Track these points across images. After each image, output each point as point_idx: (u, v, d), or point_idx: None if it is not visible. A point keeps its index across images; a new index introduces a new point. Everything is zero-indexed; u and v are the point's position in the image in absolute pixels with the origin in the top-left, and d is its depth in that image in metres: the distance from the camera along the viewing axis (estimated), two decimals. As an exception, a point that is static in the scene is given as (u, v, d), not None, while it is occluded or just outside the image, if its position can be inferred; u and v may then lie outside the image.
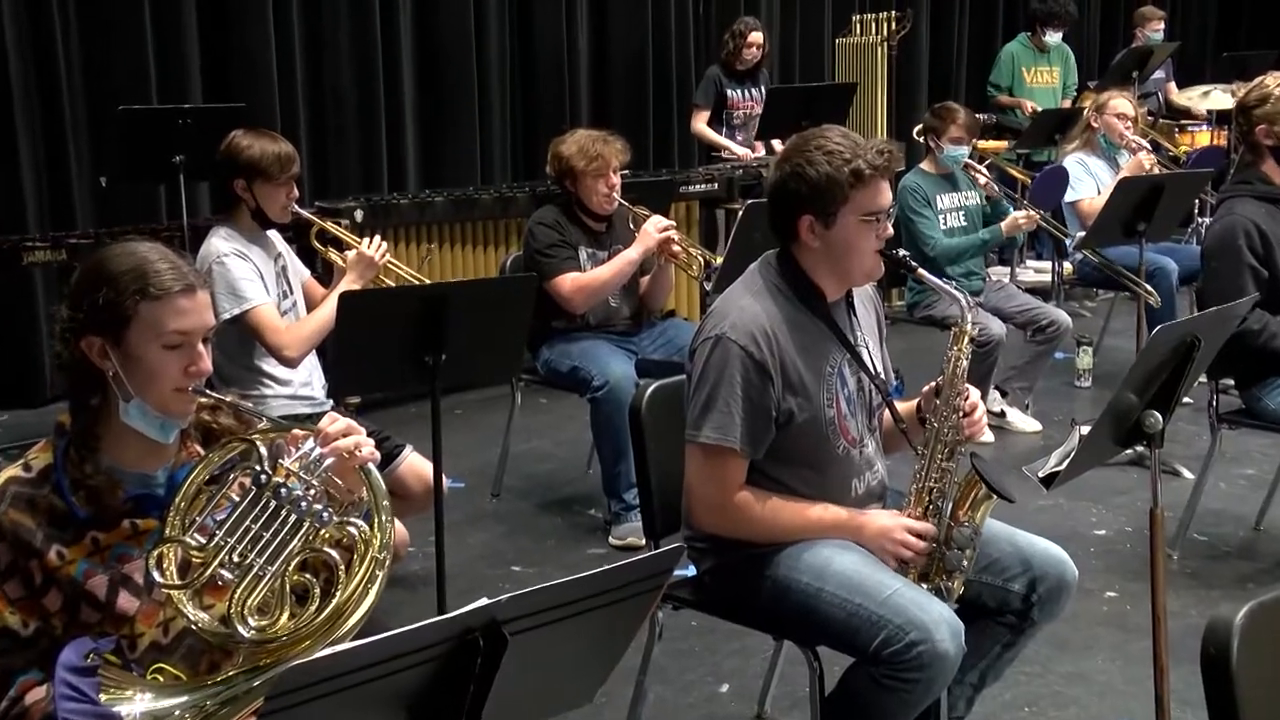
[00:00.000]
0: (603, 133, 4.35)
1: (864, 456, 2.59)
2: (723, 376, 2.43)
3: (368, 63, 6.24)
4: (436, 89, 6.59)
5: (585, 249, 4.35)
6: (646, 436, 2.71)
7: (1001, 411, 5.30)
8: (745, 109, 7.01)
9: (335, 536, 1.89)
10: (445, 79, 6.58)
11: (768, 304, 2.49)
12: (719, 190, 6.26)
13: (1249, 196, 3.76)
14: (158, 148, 4.66)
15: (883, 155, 2.45)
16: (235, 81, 5.81)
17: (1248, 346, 3.62)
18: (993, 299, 5.28)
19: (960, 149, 5.24)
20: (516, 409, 4.67)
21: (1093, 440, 2.43)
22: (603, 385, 4.10)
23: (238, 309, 3.46)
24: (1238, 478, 4.69)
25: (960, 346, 2.50)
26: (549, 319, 4.30)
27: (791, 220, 2.49)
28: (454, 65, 6.57)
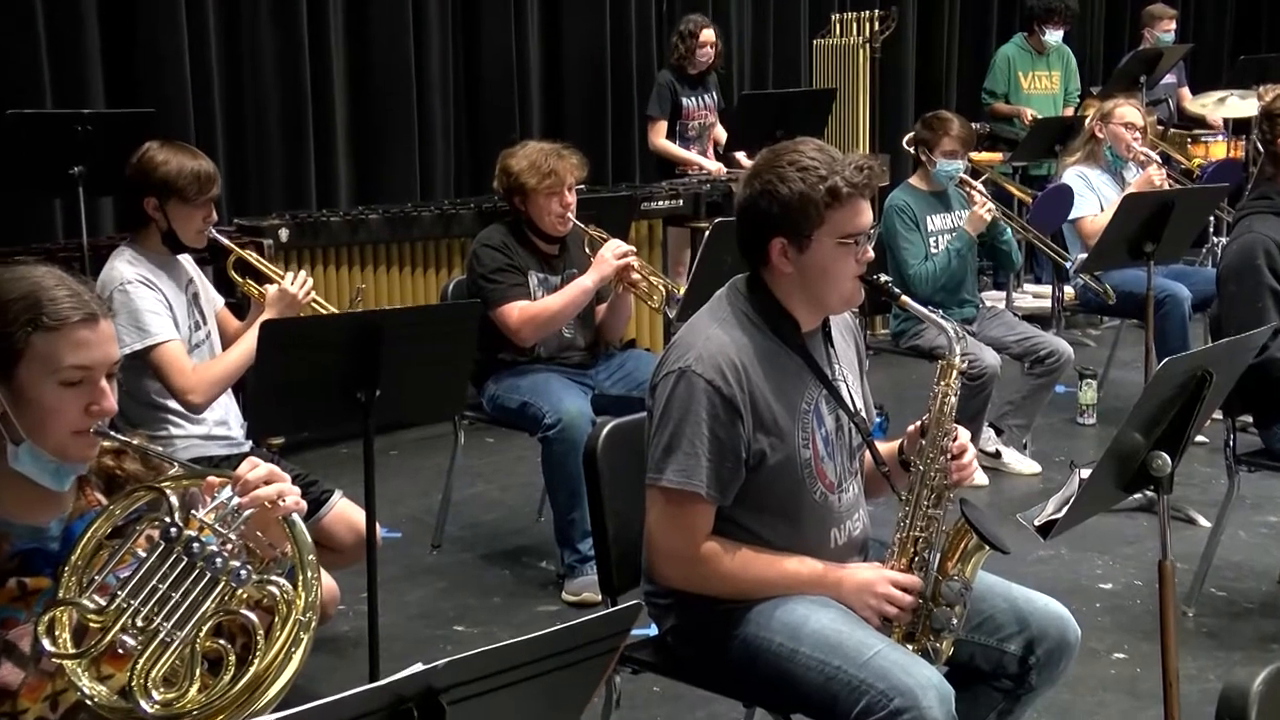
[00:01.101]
0: (556, 145, 4.38)
1: (843, 503, 2.61)
2: (687, 414, 2.45)
3: (293, 65, 6.24)
4: (371, 95, 6.60)
5: (535, 274, 4.36)
6: (603, 480, 2.72)
7: (996, 451, 5.34)
8: (699, 118, 7.07)
9: (254, 596, 1.88)
10: (381, 84, 6.59)
11: (736, 334, 2.52)
12: (684, 207, 6.32)
13: (1269, 213, 3.80)
14: (52, 157, 4.55)
15: (862, 172, 2.48)
16: (142, 83, 5.79)
17: (1268, 379, 3.66)
18: (986, 327, 5.34)
19: (954, 163, 5.28)
20: (459, 450, 4.67)
21: (1094, 485, 2.46)
22: (555, 423, 4.11)
23: (140, 344, 3.44)
24: (1259, 526, 4.75)
25: (948, 381, 2.53)
26: (495, 351, 4.31)
27: (762, 243, 2.52)
28: (391, 69, 6.59)
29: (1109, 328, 7.37)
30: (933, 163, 5.30)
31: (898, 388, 6.14)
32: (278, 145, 6.27)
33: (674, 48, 7.02)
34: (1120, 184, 5.89)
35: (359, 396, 3.06)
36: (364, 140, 6.63)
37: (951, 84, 9.58)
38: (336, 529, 3.46)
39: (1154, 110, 8.11)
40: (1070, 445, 5.69)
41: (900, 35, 8.66)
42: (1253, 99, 7.51)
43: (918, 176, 5.44)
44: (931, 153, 5.30)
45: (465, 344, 3.37)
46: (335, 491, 3.53)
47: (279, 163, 6.28)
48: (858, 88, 7.82)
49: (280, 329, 3.19)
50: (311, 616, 1.85)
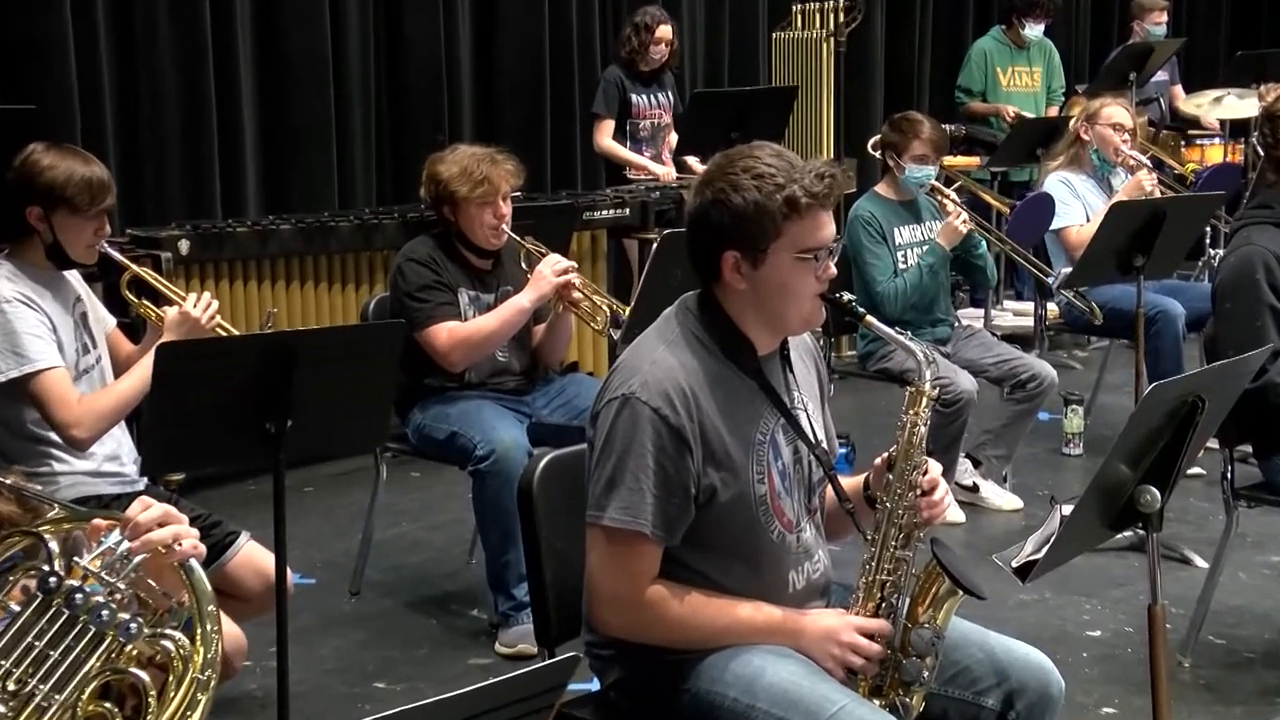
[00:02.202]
0: (490, 150, 4.39)
1: (802, 543, 2.62)
2: (631, 445, 2.45)
3: (195, 57, 6.21)
4: (283, 92, 6.58)
5: (466, 292, 4.37)
6: (540, 518, 2.71)
7: (973, 485, 5.39)
8: (652, 118, 7.11)
9: (146, 653, 1.87)
10: (294, 80, 6.58)
11: (685, 357, 2.52)
12: (631, 216, 6.34)
13: (1269, 224, 3.84)
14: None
15: (824, 180, 2.50)
16: (21, 77, 5.73)
17: (1268, 406, 3.70)
18: (962, 349, 5.38)
19: (925, 169, 5.32)
20: (381, 486, 4.65)
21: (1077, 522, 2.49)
22: (487, 455, 4.11)
23: (18, 371, 3.40)
24: (1261, 567, 4.80)
25: (917, 409, 2.54)
26: (421, 376, 4.31)
27: (714, 257, 2.53)
28: (305, 63, 6.58)
29: (1096, 349, 7.46)
30: (901, 169, 5.33)
31: (865, 415, 6.18)
32: (177, 147, 6.24)
33: (625, 41, 7.06)
34: (1107, 191, 5.96)
35: (268, 427, 3.05)
36: (275, 142, 6.61)
37: (924, 81, 9.68)
38: (242, 575, 3.44)
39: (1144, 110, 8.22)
40: (1055, 478, 5.74)
41: (867, 27, 8.73)
42: (1252, 98, 7.62)
43: (885, 184, 5.48)
44: (900, 158, 5.33)
45: (388, 369, 3.36)
46: (241, 533, 3.51)
47: (178, 167, 6.25)
48: (820, 85, 7.88)
49: (180, 353, 3.17)
50: (211, 674, 1.84)
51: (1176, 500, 5.17)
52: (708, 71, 8.58)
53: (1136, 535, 4.68)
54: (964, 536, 5.11)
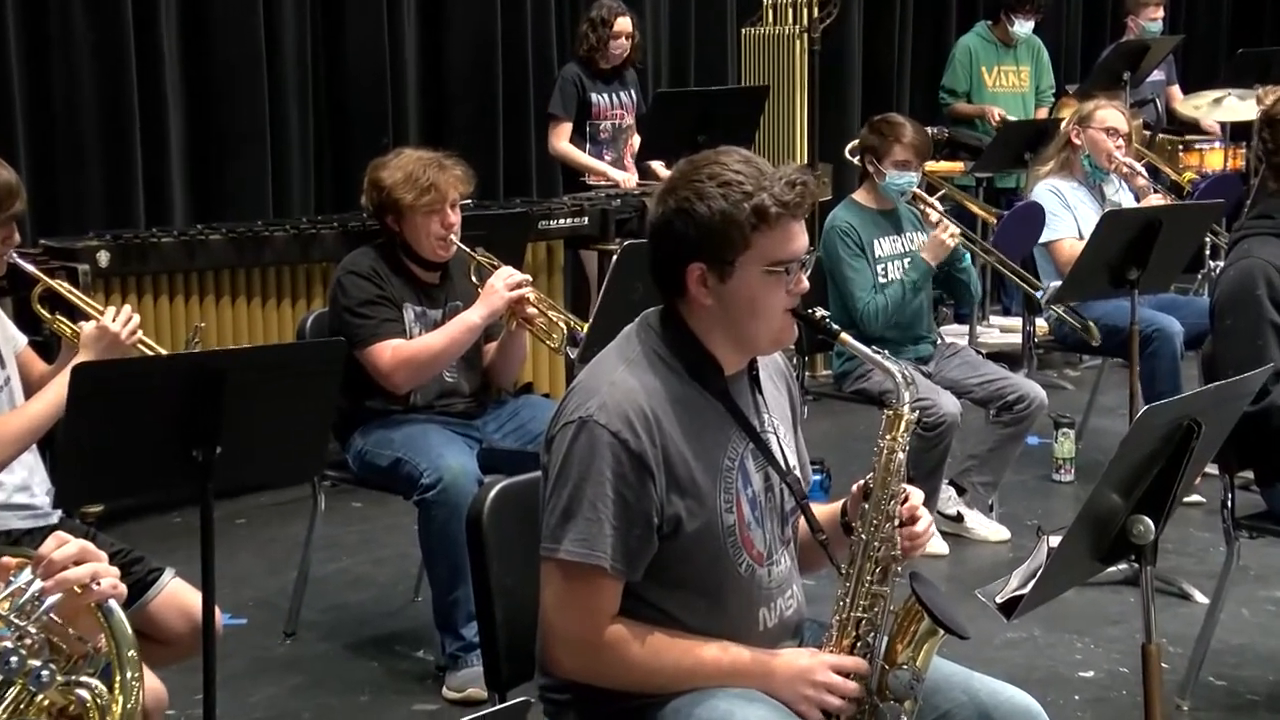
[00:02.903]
0: (438, 155, 4.39)
1: (773, 577, 2.63)
2: (588, 472, 2.46)
3: (116, 54, 6.19)
4: (212, 93, 6.57)
5: (412, 307, 4.36)
6: (491, 552, 2.71)
7: (958, 514, 5.41)
8: (613, 119, 7.13)
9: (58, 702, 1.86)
10: (225, 79, 6.56)
11: (647, 377, 2.53)
12: (590, 226, 6.35)
13: (1270, 235, 3.88)
14: None
15: (795, 188, 2.51)
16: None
17: (1270, 430, 3.72)
18: (945, 368, 5.41)
19: (907, 176, 5.34)
20: (319, 518, 4.64)
21: (1065, 555, 2.50)
22: (434, 484, 4.10)
23: (-85, 395, 3.39)
24: (1264, 602, 4.83)
25: (895, 434, 2.56)
26: (363, 398, 4.30)
27: (677, 270, 2.54)
28: (236, 63, 6.56)
29: (1088, 368, 7.50)
30: (881, 175, 5.34)
31: (841, 439, 6.20)
32: (96, 151, 6.21)
33: (583, 37, 7.08)
34: (1100, 200, 5.99)
35: (196, 455, 3.03)
36: (204, 146, 6.59)
37: (904, 81, 9.73)
38: (166, 616, 3.42)
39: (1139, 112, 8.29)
40: (1044, 506, 5.78)
41: (843, 23, 8.78)
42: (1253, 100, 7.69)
43: (864, 191, 5.50)
44: (880, 163, 5.34)
45: (326, 391, 3.36)
46: (166, 570, 3.49)
47: (97, 172, 6.23)
48: (794, 85, 7.92)
49: (98, 373, 3.15)
50: (132, 724, 1.83)
51: (1175, 530, 5.26)
52: (672, 70, 8.61)
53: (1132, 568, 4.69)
54: (947, 570, 5.13)
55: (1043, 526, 5.21)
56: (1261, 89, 7.35)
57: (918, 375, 5.07)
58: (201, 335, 5.06)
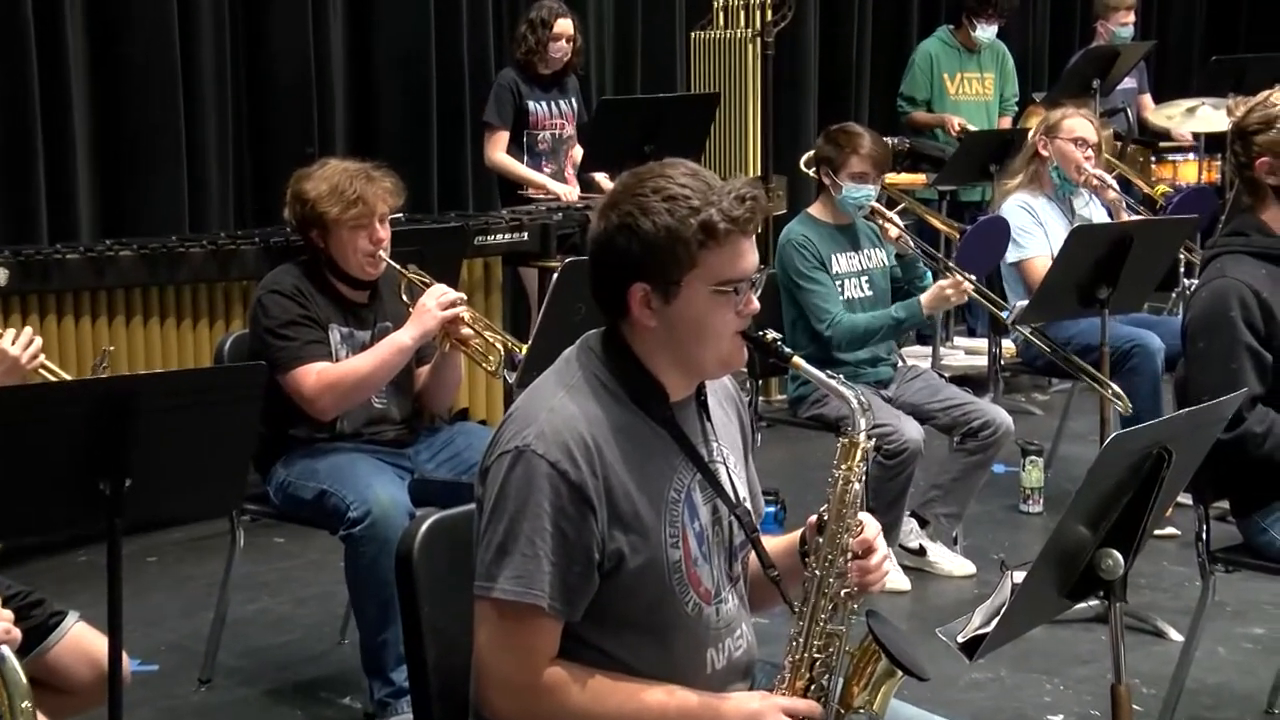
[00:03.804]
0: (366, 165, 4.39)
1: (722, 616, 2.63)
2: (525, 505, 2.46)
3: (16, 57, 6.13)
4: (122, 99, 6.51)
5: (338, 328, 4.36)
6: (422, 590, 2.71)
7: (920, 548, 5.45)
8: (553, 128, 7.14)
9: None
10: (136, 85, 6.51)
11: (588, 404, 2.54)
12: (529, 242, 6.36)
13: (1244, 253, 3.92)
14: None
15: (745, 203, 2.53)
16: None
17: (1247, 458, 3.77)
18: (906, 392, 5.44)
19: (864, 189, 5.36)
20: (238, 554, 4.61)
21: (1031, 591, 2.52)
22: (362, 517, 4.09)
23: None
24: (1241, 640, 4.88)
25: (850, 463, 2.57)
26: (285, 426, 4.30)
27: (620, 290, 2.55)
28: (148, 65, 6.52)
29: (1058, 392, 7.56)
30: (838, 188, 5.38)
31: (797, 468, 6.22)
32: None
33: (520, 40, 7.09)
34: (1069, 214, 6.05)
35: (103, 488, 3.01)
36: (112, 155, 6.54)
37: (863, 88, 9.78)
38: (68, 663, 3.39)
39: (1109, 122, 8.38)
40: (1012, 539, 5.82)
41: (799, 26, 8.82)
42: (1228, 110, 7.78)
43: (820, 205, 5.53)
44: (836, 175, 5.38)
45: (246, 418, 3.34)
46: (69, 614, 3.46)
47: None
48: (746, 92, 7.94)
49: (-3, 400, 3.14)
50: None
51: (1148, 564, 5.31)
52: (617, 75, 8.62)
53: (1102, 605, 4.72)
54: (909, 607, 5.15)
55: (1008, 560, 5.25)
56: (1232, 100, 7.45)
57: (877, 400, 5.10)
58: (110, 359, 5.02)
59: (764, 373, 5.91)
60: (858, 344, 5.31)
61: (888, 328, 5.33)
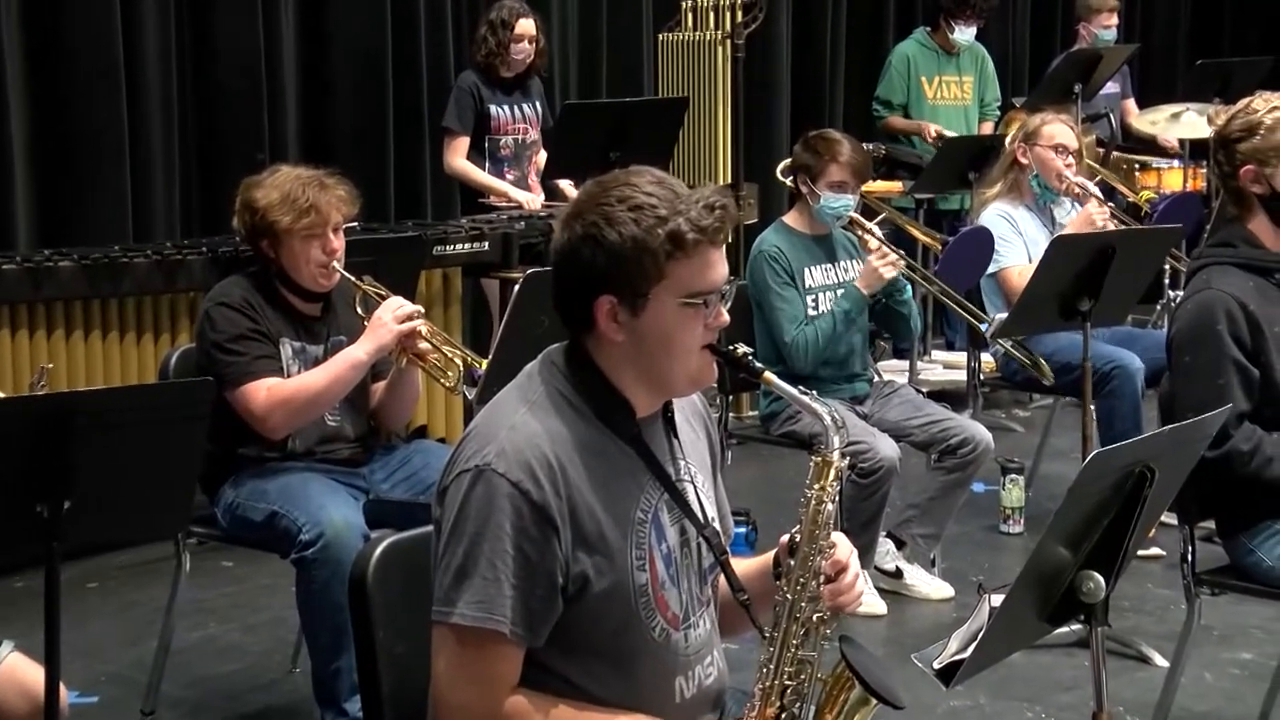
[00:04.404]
0: (319, 173, 4.38)
1: (691, 642, 2.64)
2: (486, 527, 2.46)
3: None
4: (63, 103, 6.49)
5: (290, 342, 4.35)
6: (377, 616, 2.71)
7: (897, 570, 5.46)
8: (515, 133, 7.15)
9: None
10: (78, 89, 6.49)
11: (551, 421, 2.55)
12: (490, 252, 6.36)
13: (1230, 264, 3.95)
14: None
15: (714, 212, 2.54)
16: None
17: (1233, 476, 3.80)
18: (883, 408, 5.45)
19: (843, 199, 5.37)
20: (184, 580, 4.59)
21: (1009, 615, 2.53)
22: (315, 540, 4.08)
23: None
24: (1229, 665, 4.90)
25: (824, 482, 2.59)
26: (234, 444, 4.29)
27: (585, 303, 2.56)
28: (90, 67, 6.50)
29: (1039, 408, 7.59)
30: (816, 197, 5.38)
31: (769, 488, 6.23)
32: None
33: (481, 41, 7.09)
34: (1050, 224, 6.08)
35: (40, 510, 3.00)
36: (52, 161, 6.51)
37: (837, 91, 9.81)
38: (2, 696, 3.37)
39: (1092, 128, 8.44)
40: (991, 560, 5.84)
41: (771, 28, 8.85)
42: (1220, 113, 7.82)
43: (795, 214, 5.53)
44: (814, 184, 5.38)
45: (193, 437, 3.34)
46: (3, 643, 3.43)
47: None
48: (716, 96, 7.96)
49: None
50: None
51: (1132, 587, 5.33)
52: (582, 79, 8.63)
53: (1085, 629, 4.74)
54: (885, 631, 5.17)
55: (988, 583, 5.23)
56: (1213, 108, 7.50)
57: (852, 417, 5.12)
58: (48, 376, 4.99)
59: (734, 388, 5.92)
60: (819, 352, 5.30)
61: (838, 323, 5.29)
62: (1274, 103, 3.92)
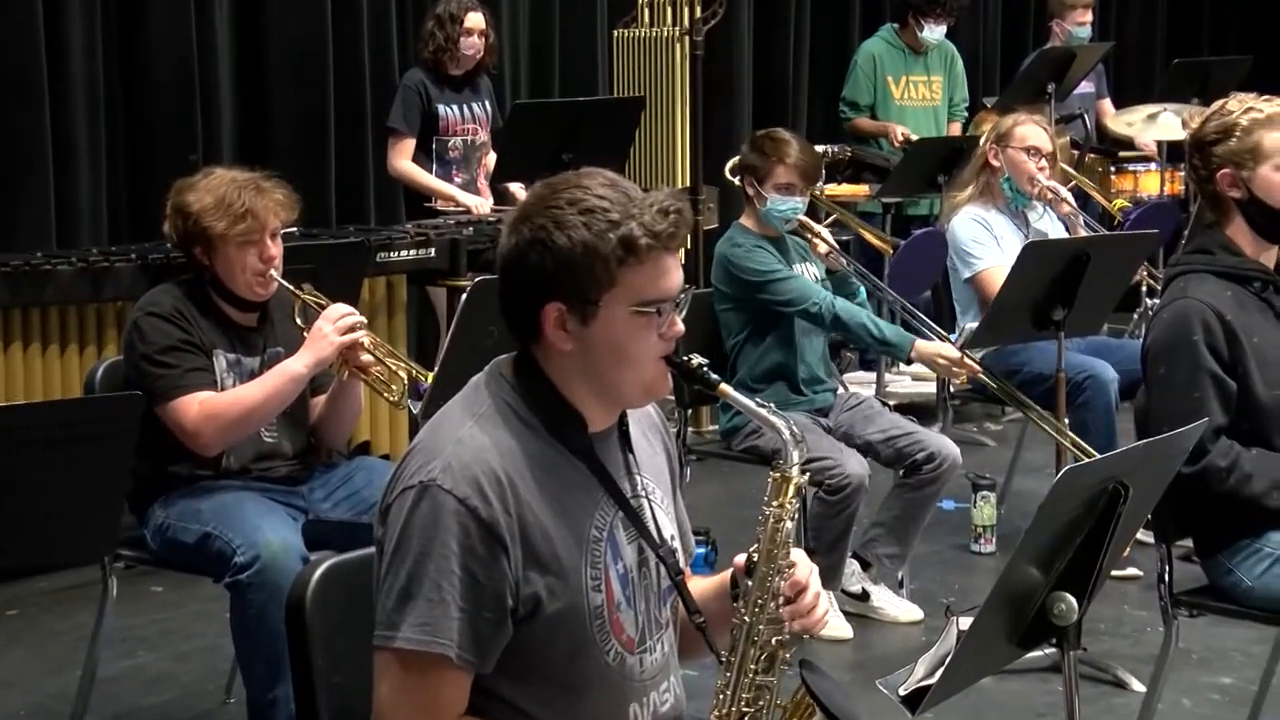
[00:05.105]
0: (255, 175, 4.37)
1: (647, 667, 2.64)
2: (431, 546, 2.46)
3: None
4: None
5: (224, 354, 4.34)
6: (315, 642, 2.70)
7: (863, 592, 5.47)
8: (464, 134, 7.15)
9: None
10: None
11: (500, 435, 2.55)
12: (437, 258, 6.35)
13: (1208, 272, 3.97)
14: None
15: (668, 217, 2.54)
16: None
17: (1210, 493, 3.81)
18: (847, 422, 5.46)
19: (790, 202, 5.40)
20: (110, 606, 4.56)
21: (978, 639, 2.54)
22: (250, 562, 4.07)
23: None
24: (1208, 690, 4.92)
25: (783, 499, 2.59)
26: (165, 462, 4.26)
27: (533, 311, 2.56)
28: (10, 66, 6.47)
29: (1011, 421, 7.61)
30: (762, 199, 5.41)
31: (730, 504, 6.23)
32: None
33: (428, 37, 7.09)
34: (1024, 227, 6.10)
35: (-39, 531, 3.01)
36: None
37: (801, 91, 9.84)
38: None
39: (1065, 129, 8.48)
40: (962, 581, 5.85)
41: (731, 24, 8.88)
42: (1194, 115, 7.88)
43: (747, 215, 5.56)
44: (761, 186, 5.41)
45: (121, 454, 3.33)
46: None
47: None
48: (674, 95, 7.98)
49: None
50: None
51: (1107, 609, 5.35)
52: (533, 77, 8.64)
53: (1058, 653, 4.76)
54: (851, 656, 5.17)
55: (958, 605, 5.27)
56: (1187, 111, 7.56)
57: (818, 432, 5.14)
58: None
59: (694, 402, 5.93)
60: (839, 327, 5.40)
61: (869, 337, 5.41)
62: (1249, 104, 3.94)
